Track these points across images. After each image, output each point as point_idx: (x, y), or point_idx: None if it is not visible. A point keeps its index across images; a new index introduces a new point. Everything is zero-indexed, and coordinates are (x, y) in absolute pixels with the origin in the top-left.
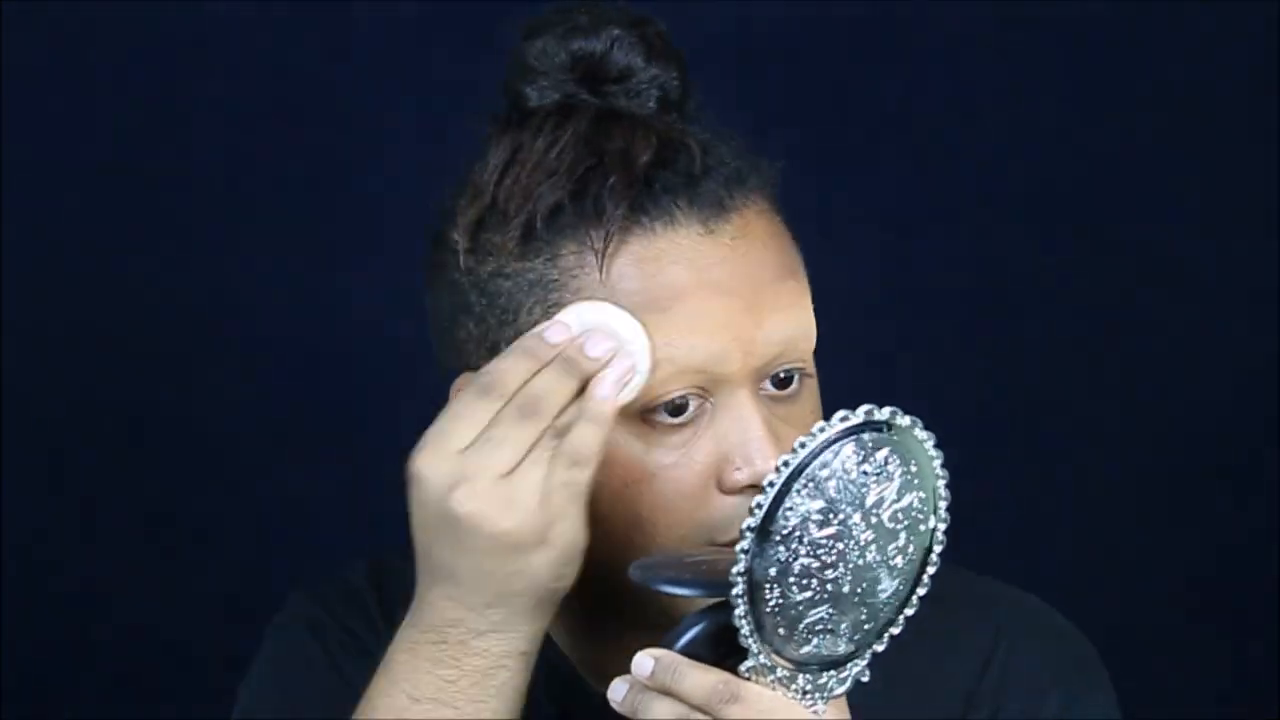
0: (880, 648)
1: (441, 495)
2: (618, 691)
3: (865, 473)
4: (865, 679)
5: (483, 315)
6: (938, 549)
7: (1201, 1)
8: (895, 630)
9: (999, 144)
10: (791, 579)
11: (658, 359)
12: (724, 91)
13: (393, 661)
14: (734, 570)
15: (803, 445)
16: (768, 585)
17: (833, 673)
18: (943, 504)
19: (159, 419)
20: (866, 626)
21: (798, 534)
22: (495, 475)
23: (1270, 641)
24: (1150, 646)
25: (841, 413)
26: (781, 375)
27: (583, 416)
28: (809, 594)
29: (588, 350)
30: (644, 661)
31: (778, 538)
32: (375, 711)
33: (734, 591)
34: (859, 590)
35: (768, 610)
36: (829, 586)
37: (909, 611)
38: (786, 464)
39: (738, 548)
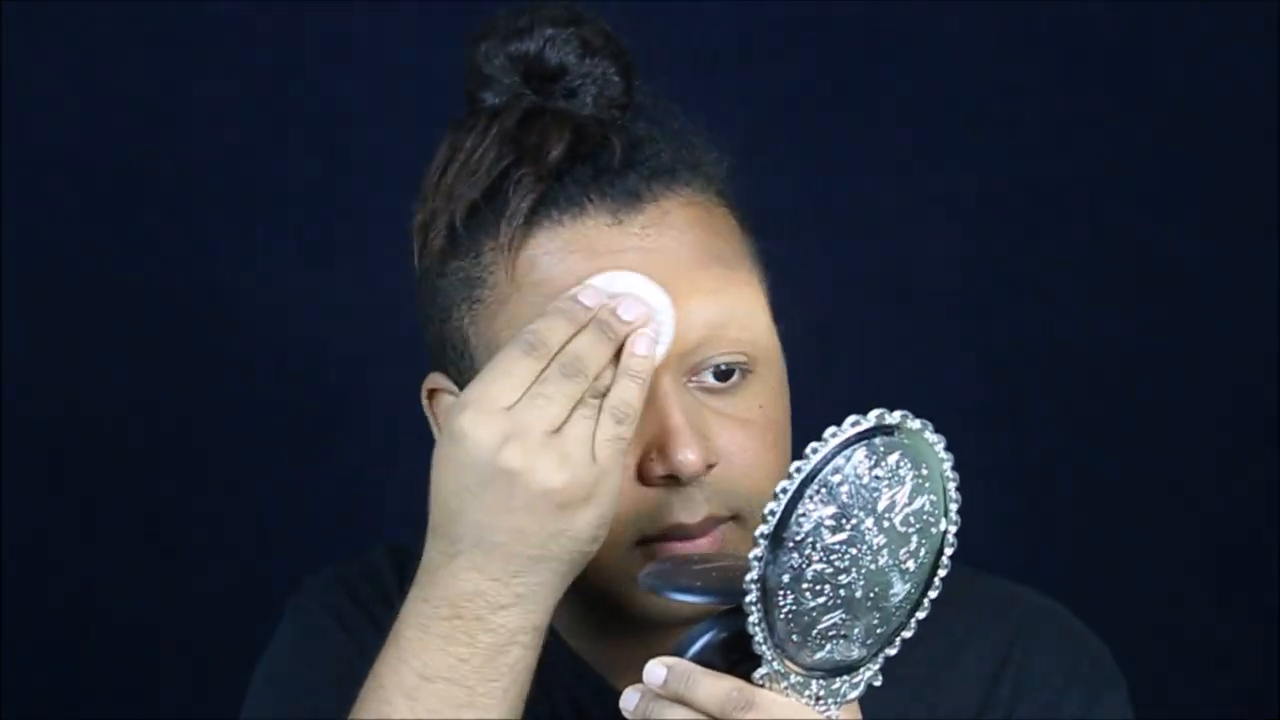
0: (893, 651)
1: (492, 452)
2: (629, 700)
3: (877, 477)
4: (878, 683)
5: (429, 315)
6: (949, 551)
7: (1201, 1)
8: (907, 634)
9: (999, 144)
10: (805, 585)
11: None
12: (723, 91)
13: (401, 637)
14: (748, 577)
15: (814, 450)
16: (781, 592)
17: (845, 678)
18: (953, 506)
19: (159, 419)
20: (879, 631)
21: (811, 540)
22: (545, 431)
23: (1270, 641)
24: (1150, 646)
25: (852, 417)
26: (723, 367)
27: (623, 374)
28: (822, 600)
29: (621, 313)
30: (656, 670)
31: (791, 544)
32: (383, 690)
33: (748, 599)
34: (871, 595)
35: (781, 617)
36: (842, 592)
37: (921, 615)
38: (799, 470)
39: (751, 555)
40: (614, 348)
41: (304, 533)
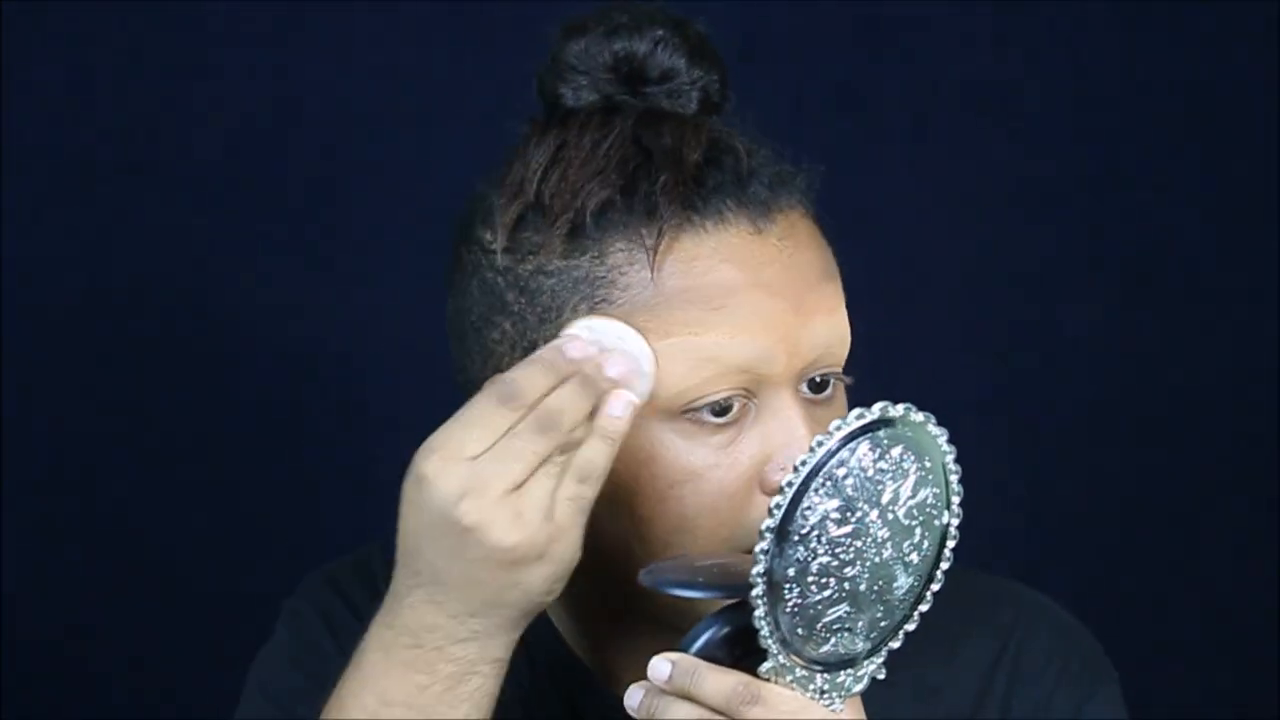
0: (896, 645)
1: (449, 503)
2: (634, 697)
3: (881, 470)
4: (881, 676)
5: (521, 314)
6: (951, 544)
7: (1202, 1)
8: (910, 627)
9: (999, 143)
10: (810, 578)
11: (705, 357)
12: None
13: (364, 661)
14: (754, 571)
15: (820, 444)
16: (787, 585)
17: (850, 671)
18: (956, 499)
19: (158, 419)
20: (883, 624)
21: (816, 533)
22: (505, 488)
23: (1270, 641)
24: (1150, 646)
25: (856, 410)
26: (818, 379)
27: (595, 433)
28: (828, 593)
29: (607, 370)
30: (661, 665)
31: (796, 537)
32: (345, 712)
33: (754, 593)
34: (876, 588)
35: (787, 611)
36: (847, 585)
37: (924, 608)
38: (804, 463)
39: (756, 549)
40: (593, 404)
41: (304, 533)
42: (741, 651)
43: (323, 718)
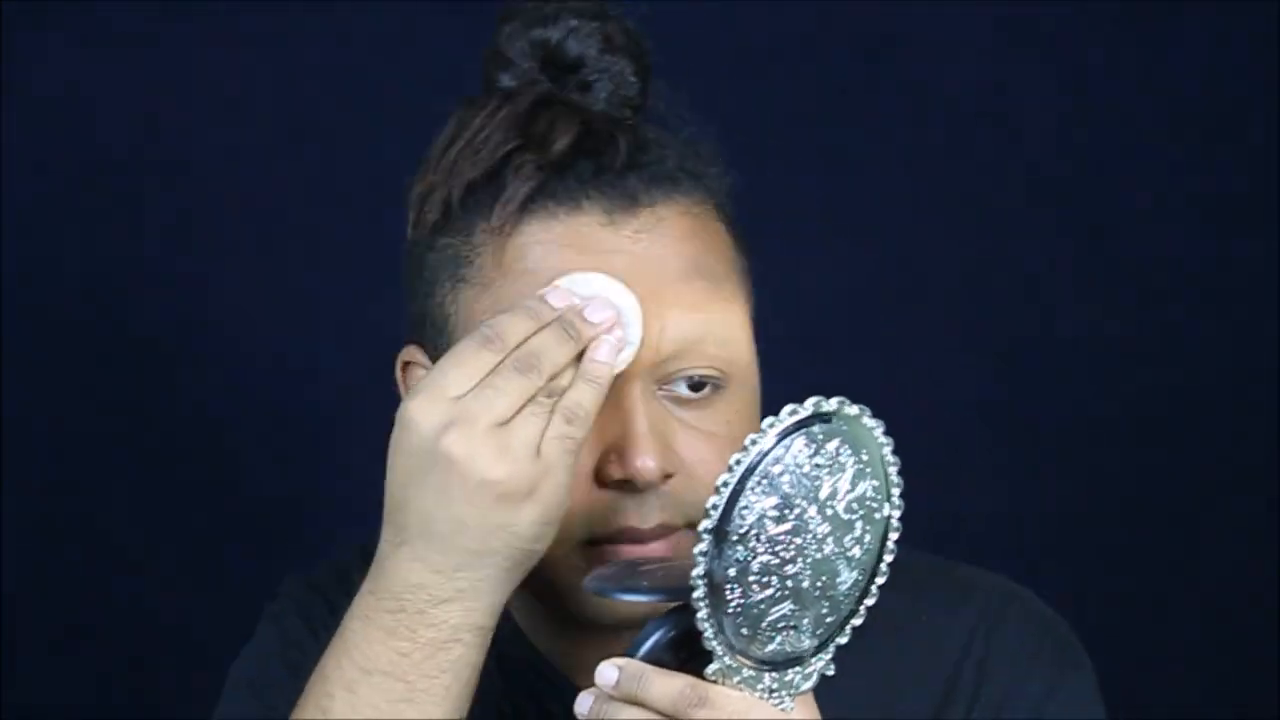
0: (844, 640)
1: (433, 437)
2: (583, 704)
3: (818, 465)
4: (830, 673)
5: (415, 288)
6: (894, 537)
7: (1202, 1)
8: (857, 621)
9: (999, 144)
10: (751, 578)
11: None
12: (724, 92)
13: (347, 629)
14: (694, 573)
15: (754, 442)
16: (728, 586)
17: (798, 669)
18: (896, 491)
19: (159, 419)
20: (829, 620)
21: (754, 532)
22: (491, 423)
23: (1270, 641)
24: (1150, 646)
25: (789, 406)
26: (695, 379)
27: (581, 377)
28: (770, 591)
29: (588, 315)
30: (608, 671)
31: (735, 537)
32: (326, 682)
33: (695, 594)
34: (819, 584)
35: (729, 611)
36: (789, 582)
37: (869, 601)
38: (739, 462)
39: (695, 550)
40: (575, 350)
41: (305, 533)
42: (688, 654)
43: (305, 690)
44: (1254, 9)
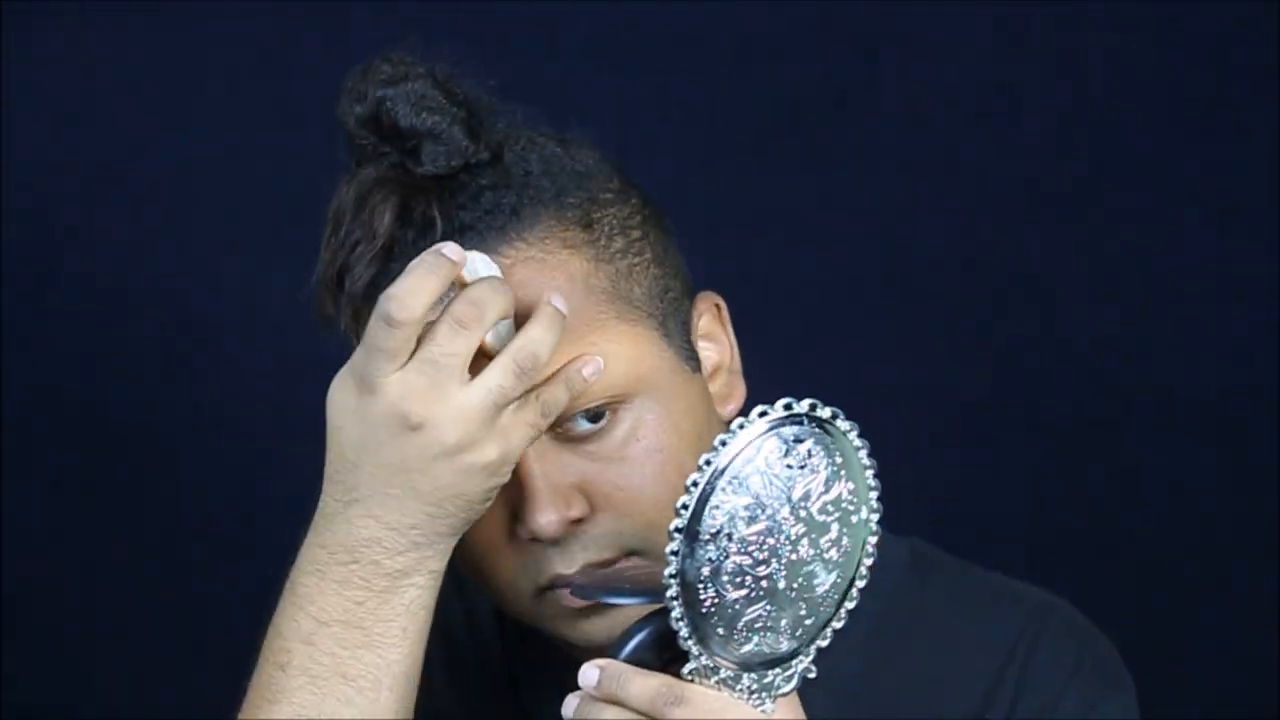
0: (825, 643)
1: (395, 402)
2: (569, 706)
3: (789, 466)
4: (812, 675)
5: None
6: (873, 540)
7: (1202, 1)
8: (838, 624)
9: (998, 144)
10: (725, 578)
11: None
12: (723, 91)
13: (298, 585)
14: (666, 572)
15: (723, 444)
16: (701, 585)
17: (778, 670)
18: (873, 495)
19: (159, 419)
20: (808, 622)
21: (726, 532)
22: (448, 383)
23: (1270, 641)
24: (1151, 647)
25: (760, 408)
26: (592, 412)
27: (559, 381)
28: (744, 592)
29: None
30: (590, 672)
31: (706, 537)
32: (281, 638)
33: (669, 594)
34: (795, 585)
35: (704, 611)
36: (764, 583)
37: (850, 605)
38: (709, 463)
39: (667, 549)
40: (511, 298)
41: (303, 533)
42: (670, 655)
43: (261, 650)
44: (1254, 9)
